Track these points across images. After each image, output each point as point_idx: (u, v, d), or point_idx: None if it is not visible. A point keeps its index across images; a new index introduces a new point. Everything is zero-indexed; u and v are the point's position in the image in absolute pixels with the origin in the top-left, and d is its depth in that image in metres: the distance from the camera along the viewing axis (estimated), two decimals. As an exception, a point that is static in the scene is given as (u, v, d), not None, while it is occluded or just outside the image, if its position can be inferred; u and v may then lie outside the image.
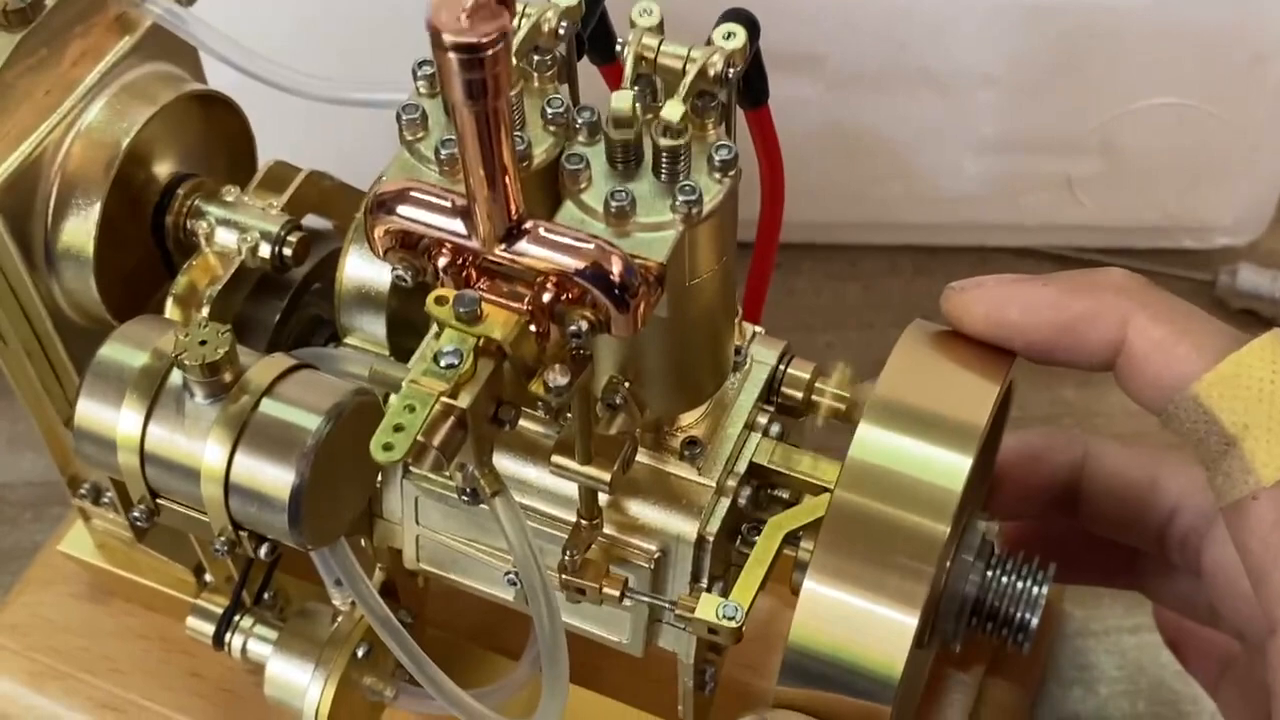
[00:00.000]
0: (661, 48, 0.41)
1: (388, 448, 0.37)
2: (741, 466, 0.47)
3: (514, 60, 0.41)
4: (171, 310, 0.50)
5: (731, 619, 0.44)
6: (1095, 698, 0.64)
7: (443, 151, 0.40)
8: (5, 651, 0.61)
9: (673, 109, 0.39)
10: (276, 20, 0.63)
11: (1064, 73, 0.70)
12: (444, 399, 0.37)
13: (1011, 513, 0.54)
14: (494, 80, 0.33)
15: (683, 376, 0.45)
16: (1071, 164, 0.74)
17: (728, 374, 0.47)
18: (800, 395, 0.49)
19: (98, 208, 0.49)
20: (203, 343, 0.44)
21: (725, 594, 0.45)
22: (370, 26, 0.67)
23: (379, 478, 0.49)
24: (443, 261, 0.39)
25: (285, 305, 0.53)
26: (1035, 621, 0.48)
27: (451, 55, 0.33)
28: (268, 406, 0.44)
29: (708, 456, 0.46)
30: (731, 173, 0.40)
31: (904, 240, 0.79)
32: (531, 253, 0.38)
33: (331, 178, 0.54)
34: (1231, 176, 0.75)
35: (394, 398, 0.38)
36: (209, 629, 0.54)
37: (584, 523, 0.46)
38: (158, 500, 0.46)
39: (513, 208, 0.38)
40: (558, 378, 0.39)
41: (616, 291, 0.38)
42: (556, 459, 0.43)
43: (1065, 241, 0.79)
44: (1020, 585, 0.48)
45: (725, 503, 0.46)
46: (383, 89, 0.48)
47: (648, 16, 0.41)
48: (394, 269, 0.40)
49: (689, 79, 0.40)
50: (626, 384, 0.44)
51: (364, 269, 0.50)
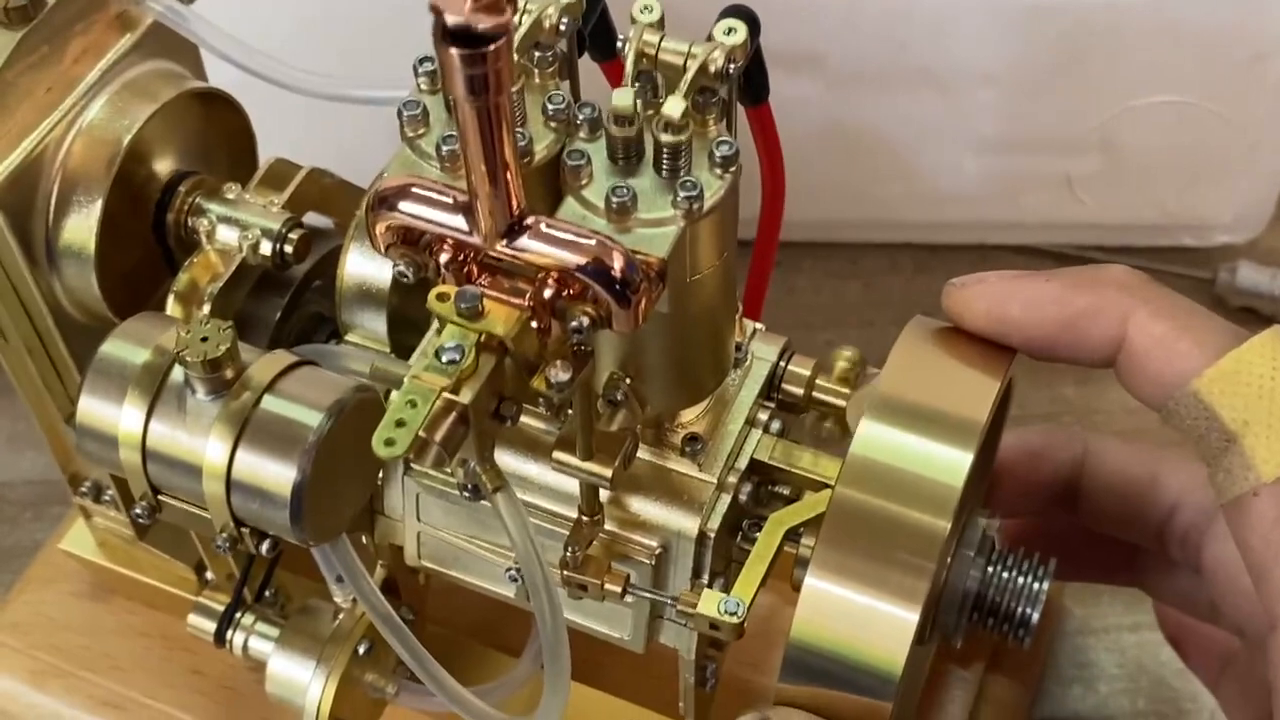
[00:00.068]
0: (662, 44, 0.41)
1: (390, 443, 0.37)
2: (742, 463, 0.47)
3: (515, 56, 0.41)
4: (173, 307, 0.50)
5: (733, 615, 0.44)
6: (1095, 695, 0.64)
7: (444, 148, 0.40)
8: (6, 650, 0.61)
9: (674, 105, 0.39)
10: (277, 18, 0.63)
11: (1064, 71, 0.70)
12: (446, 394, 0.37)
13: (1012, 510, 0.54)
14: (496, 76, 0.33)
15: (684, 373, 0.45)
16: (1071, 162, 0.74)
17: (728, 370, 0.47)
18: (801, 391, 0.49)
19: (99, 205, 0.49)
20: (204, 340, 0.44)
21: (726, 590, 0.45)
22: (371, 24, 0.67)
23: (380, 474, 0.49)
24: (444, 257, 0.39)
25: (286, 302, 0.53)
26: (1036, 617, 0.48)
27: (453, 51, 0.33)
28: (269, 403, 0.44)
29: (709, 453, 0.46)
30: (732, 169, 0.40)
31: (904, 238, 0.79)
32: (533, 249, 0.38)
33: (332, 175, 0.54)
34: (1231, 174, 0.75)
35: (395, 393, 0.38)
36: (210, 626, 0.54)
37: (585, 519, 0.46)
38: (159, 497, 0.46)
39: (514, 204, 0.38)
40: (559, 374, 0.39)
41: (618, 287, 0.38)
42: (558, 455, 0.43)
43: (1065, 240, 0.79)
44: (1021, 581, 0.48)
45: (726, 499, 0.46)
46: (383, 86, 0.48)
47: (648, 13, 0.41)
48: (395, 265, 0.40)
49: (690, 75, 0.40)
50: (628, 380, 0.44)
51: (365, 266, 0.50)
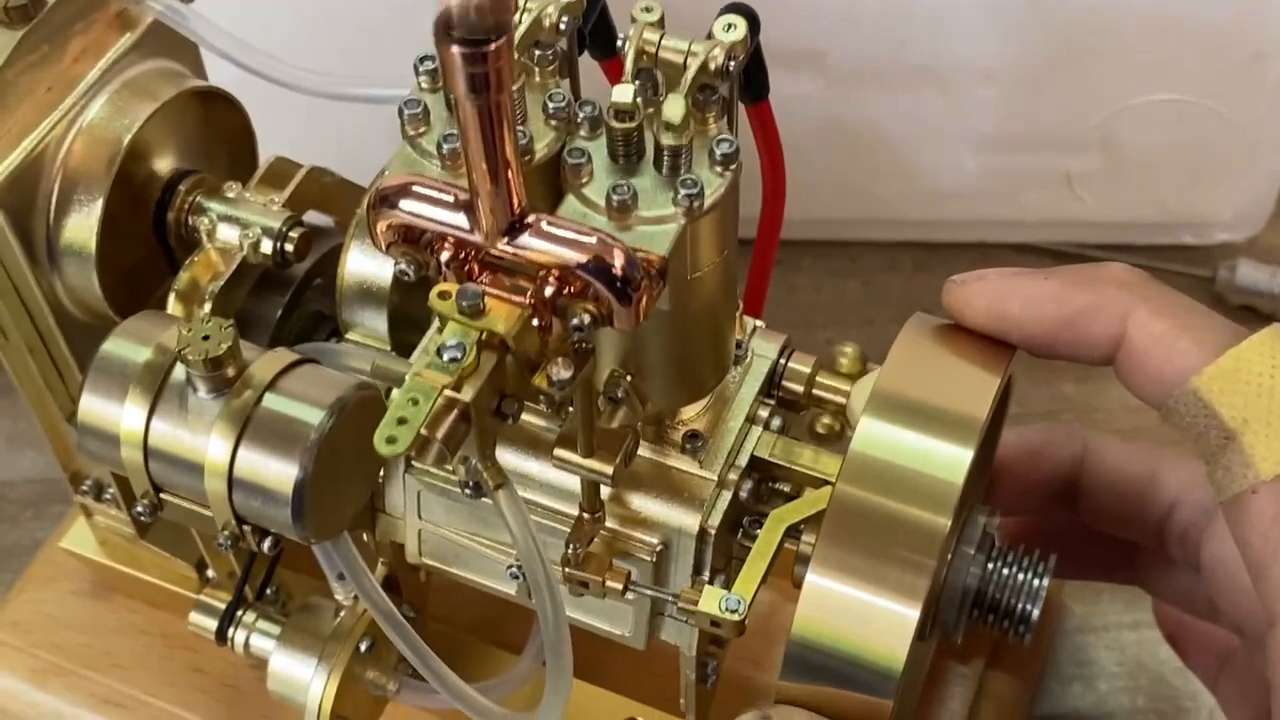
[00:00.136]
0: (662, 42, 0.41)
1: (391, 441, 0.37)
2: (743, 460, 0.47)
3: (515, 55, 0.41)
4: (174, 306, 0.50)
5: (734, 612, 0.44)
6: (1095, 693, 0.64)
7: (445, 146, 0.40)
8: (7, 648, 0.61)
9: (674, 103, 0.39)
10: (277, 17, 0.63)
11: (1064, 69, 0.70)
12: (447, 392, 0.37)
13: (1012, 507, 0.54)
14: (497, 75, 0.33)
15: (684, 370, 0.45)
16: (1071, 160, 0.74)
17: (729, 368, 0.47)
18: (801, 389, 0.49)
19: (100, 204, 0.49)
20: (205, 338, 0.44)
21: (727, 587, 0.45)
22: (371, 22, 0.67)
23: (381, 472, 0.49)
24: (445, 256, 0.39)
25: (287, 301, 0.53)
26: (1036, 613, 0.48)
27: (455, 49, 0.33)
28: (271, 401, 0.44)
29: (709, 450, 0.46)
30: (733, 166, 0.40)
31: (904, 237, 0.79)
32: (534, 247, 0.38)
33: (332, 173, 0.54)
34: (1231, 172, 0.75)
35: (397, 391, 0.38)
36: (212, 624, 0.55)
37: (586, 516, 0.46)
38: (161, 495, 0.46)
39: (515, 202, 0.38)
40: (560, 371, 0.39)
41: (619, 285, 0.38)
42: (559, 452, 0.43)
43: (1065, 237, 0.79)
44: (1021, 577, 0.48)
45: (727, 496, 0.46)
46: (384, 84, 0.48)
47: (648, 13, 0.42)
48: (396, 264, 0.40)
49: (690, 73, 0.40)
50: (628, 377, 0.44)
51: (365, 264, 0.50)
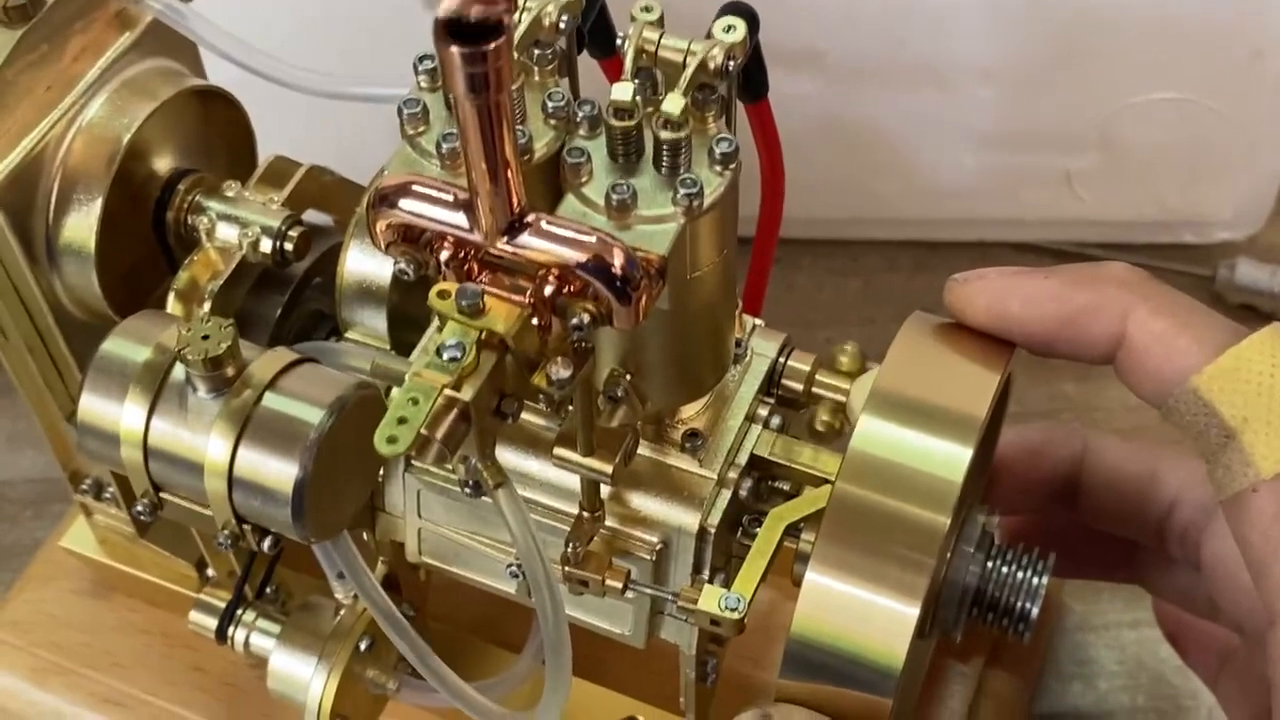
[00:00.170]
0: (662, 41, 0.41)
1: (391, 440, 0.37)
2: (742, 458, 0.47)
3: (515, 54, 0.41)
4: (173, 305, 0.50)
5: (734, 610, 0.44)
6: (1094, 692, 0.64)
7: (444, 145, 0.40)
8: (7, 647, 0.61)
9: (673, 102, 0.39)
10: (277, 16, 0.63)
11: (1063, 68, 0.70)
12: (447, 391, 0.37)
13: (1012, 507, 0.54)
14: (496, 74, 0.33)
15: (684, 369, 0.45)
16: (1071, 159, 0.74)
17: (728, 366, 0.47)
18: (800, 387, 0.49)
19: (99, 203, 0.49)
20: (205, 337, 0.44)
21: (727, 586, 0.45)
22: (370, 22, 0.67)
23: (381, 471, 0.49)
24: (445, 255, 0.39)
25: (286, 300, 0.53)
26: (1036, 611, 0.48)
27: (454, 49, 0.33)
28: (270, 400, 0.44)
29: (709, 449, 0.46)
30: (732, 165, 0.40)
31: (904, 236, 0.79)
32: (533, 246, 0.38)
33: (332, 173, 0.54)
34: (1231, 171, 0.75)
35: (397, 391, 0.38)
36: (211, 623, 0.55)
37: (586, 515, 0.46)
38: (161, 494, 0.46)
39: (515, 201, 0.38)
40: (560, 370, 0.39)
41: (618, 284, 0.38)
42: (558, 451, 0.43)
43: (1065, 236, 0.79)
44: (1020, 575, 0.48)
45: (726, 494, 0.46)
46: (383, 83, 0.48)
47: (648, 12, 0.42)
48: (396, 263, 0.40)
49: (689, 72, 0.40)
50: (628, 376, 0.44)
51: (365, 263, 0.50)
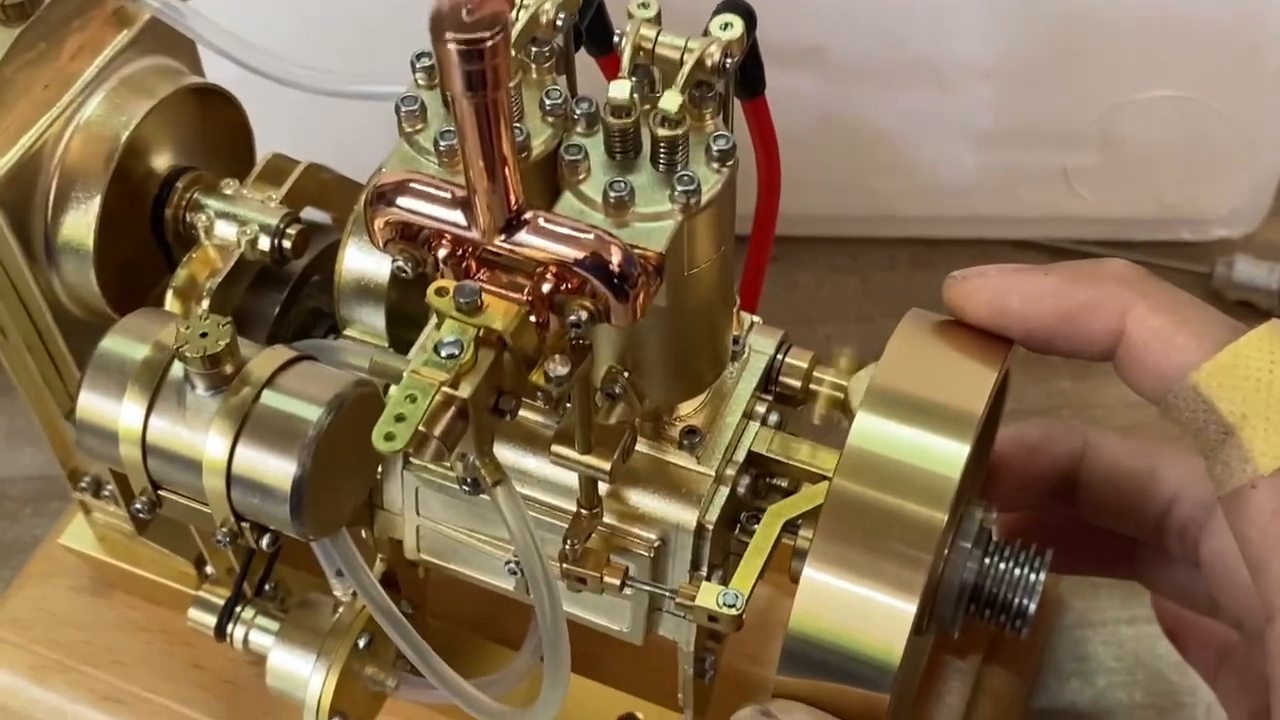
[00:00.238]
0: (659, 38, 0.41)
1: (389, 438, 0.37)
2: (740, 455, 0.47)
3: (512, 52, 0.41)
4: (172, 303, 0.50)
5: (732, 607, 0.44)
6: (1092, 689, 0.64)
7: (442, 143, 0.40)
8: (7, 645, 0.61)
9: (670, 99, 0.39)
10: (276, 14, 0.63)
11: (1062, 65, 0.70)
12: (445, 389, 0.37)
13: (1010, 503, 0.54)
14: (493, 72, 0.34)
15: (682, 366, 0.45)
16: (1069, 156, 0.74)
17: (726, 363, 0.47)
18: (798, 384, 0.49)
19: (97, 201, 0.49)
20: (203, 335, 0.44)
21: (725, 582, 0.45)
22: (369, 20, 0.67)
23: (379, 469, 0.49)
24: (443, 252, 0.39)
25: (285, 298, 0.53)
26: (1033, 607, 0.48)
27: (451, 47, 0.33)
28: (269, 398, 0.44)
29: (707, 445, 0.46)
30: (729, 163, 0.40)
31: (903, 233, 0.79)
32: (531, 243, 0.38)
33: (330, 170, 0.54)
34: (1229, 169, 0.75)
35: (395, 388, 0.38)
36: (211, 621, 0.55)
37: (584, 512, 0.46)
38: (159, 492, 0.46)
39: (512, 198, 0.38)
40: (558, 368, 0.39)
41: (616, 281, 0.38)
42: (556, 448, 0.44)
43: (1063, 234, 0.79)
44: (1018, 571, 0.48)
45: (724, 491, 0.46)
46: (381, 81, 0.48)
47: (645, 10, 0.42)
48: (394, 260, 0.40)
49: (686, 69, 0.40)
50: (626, 374, 0.44)
51: (363, 261, 0.50)
